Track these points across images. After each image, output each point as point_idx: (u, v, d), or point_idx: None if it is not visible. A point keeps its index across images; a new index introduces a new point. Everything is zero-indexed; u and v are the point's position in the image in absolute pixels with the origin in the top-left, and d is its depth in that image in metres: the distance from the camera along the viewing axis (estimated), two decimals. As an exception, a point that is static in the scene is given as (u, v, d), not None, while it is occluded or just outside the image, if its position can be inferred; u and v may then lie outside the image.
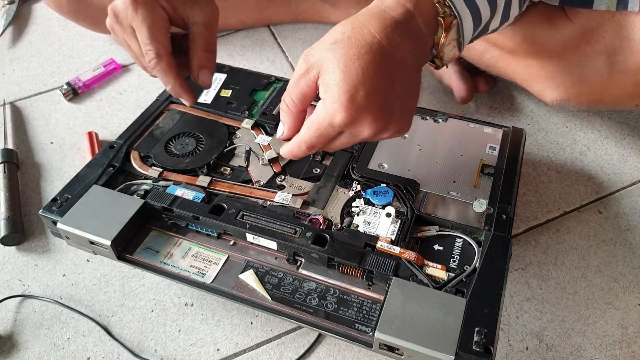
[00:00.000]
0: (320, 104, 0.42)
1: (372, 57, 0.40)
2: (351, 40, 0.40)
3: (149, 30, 0.47)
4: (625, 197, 0.66)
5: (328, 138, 0.43)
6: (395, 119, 0.43)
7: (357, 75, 0.40)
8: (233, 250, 0.49)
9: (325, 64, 0.41)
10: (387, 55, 0.41)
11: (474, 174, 0.54)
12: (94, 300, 0.58)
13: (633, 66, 0.53)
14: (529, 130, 0.74)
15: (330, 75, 0.40)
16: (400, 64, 0.42)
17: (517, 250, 0.61)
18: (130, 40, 0.50)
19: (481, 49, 0.67)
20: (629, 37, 0.52)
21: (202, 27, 0.50)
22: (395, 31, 0.41)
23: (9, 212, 0.64)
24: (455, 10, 0.43)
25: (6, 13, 0.97)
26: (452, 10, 0.43)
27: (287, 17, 0.92)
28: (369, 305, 0.44)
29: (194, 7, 0.50)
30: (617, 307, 0.57)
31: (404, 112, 0.43)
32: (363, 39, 0.40)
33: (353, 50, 0.40)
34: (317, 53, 0.41)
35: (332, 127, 0.41)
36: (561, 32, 0.57)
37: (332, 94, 0.40)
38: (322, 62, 0.41)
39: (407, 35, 0.42)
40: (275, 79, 0.67)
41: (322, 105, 0.41)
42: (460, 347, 0.39)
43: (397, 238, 0.47)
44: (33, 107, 0.81)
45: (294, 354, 0.54)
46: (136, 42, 0.49)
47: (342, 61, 0.40)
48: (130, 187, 0.53)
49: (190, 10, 0.49)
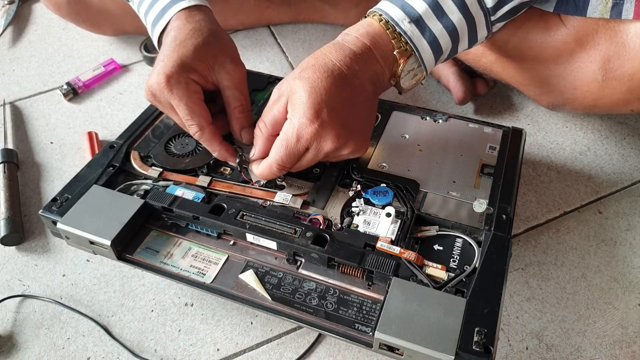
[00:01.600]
0: (287, 123, 0.47)
1: (334, 81, 0.46)
2: (315, 67, 0.46)
3: (187, 107, 0.50)
4: (625, 197, 0.66)
5: (296, 154, 0.47)
6: (354, 137, 0.48)
7: (320, 95, 0.45)
8: (233, 250, 0.49)
9: (293, 89, 0.46)
10: (347, 81, 0.47)
11: (474, 174, 0.54)
12: (94, 300, 0.58)
13: (627, 72, 0.54)
14: (529, 130, 0.74)
15: (297, 96, 0.46)
16: (359, 89, 0.48)
17: (517, 250, 0.61)
18: (172, 114, 0.52)
19: (478, 53, 0.67)
20: (624, 44, 0.53)
21: (234, 90, 0.53)
22: (354, 61, 0.47)
23: (9, 212, 0.64)
24: (414, 47, 0.48)
25: (6, 13, 0.97)
26: (407, 45, 0.48)
27: (286, 17, 0.92)
28: (369, 305, 0.44)
29: (221, 71, 0.52)
30: (617, 307, 0.57)
31: (362, 131, 0.49)
32: (325, 65, 0.46)
33: (317, 75, 0.46)
34: (287, 82, 0.47)
35: (299, 141, 0.46)
36: (556, 38, 0.57)
37: (299, 111, 0.45)
38: (291, 88, 0.47)
39: (365, 65, 0.48)
40: (275, 79, 0.67)
41: (289, 123, 0.46)
42: (460, 347, 0.39)
43: (397, 238, 0.47)
44: (33, 107, 0.81)
45: (294, 354, 0.54)
46: (177, 116, 0.51)
47: (308, 83, 0.45)
48: (130, 187, 0.54)
49: (219, 75, 0.52)
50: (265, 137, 0.49)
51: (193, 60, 0.50)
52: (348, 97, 0.47)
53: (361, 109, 0.48)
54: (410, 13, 0.48)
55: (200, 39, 0.51)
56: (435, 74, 0.80)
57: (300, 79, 0.46)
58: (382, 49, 0.48)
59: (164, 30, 0.54)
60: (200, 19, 0.53)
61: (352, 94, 0.47)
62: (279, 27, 0.93)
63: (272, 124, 0.48)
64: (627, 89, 0.55)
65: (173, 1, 0.54)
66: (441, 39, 0.49)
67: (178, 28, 0.52)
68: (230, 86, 0.52)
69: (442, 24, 0.48)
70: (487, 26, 0.51)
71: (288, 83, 0.47)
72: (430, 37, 0.48)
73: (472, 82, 0.76)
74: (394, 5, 0.48)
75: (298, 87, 0.46)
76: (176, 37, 0.52)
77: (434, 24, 0.48)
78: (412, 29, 0.48)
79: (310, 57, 0.48)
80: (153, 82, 0.50)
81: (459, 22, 0.49)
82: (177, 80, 0.49)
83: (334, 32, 0.90)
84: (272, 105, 0.48)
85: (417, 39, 0.48)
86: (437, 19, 0.48)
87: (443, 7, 0.48)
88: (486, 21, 0.50)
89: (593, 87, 0.58)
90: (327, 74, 0.46)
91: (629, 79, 0.54)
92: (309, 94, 0.45)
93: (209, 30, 0.53)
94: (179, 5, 0.53)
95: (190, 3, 0.54)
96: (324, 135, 0.46)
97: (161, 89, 0.49)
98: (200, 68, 0.51)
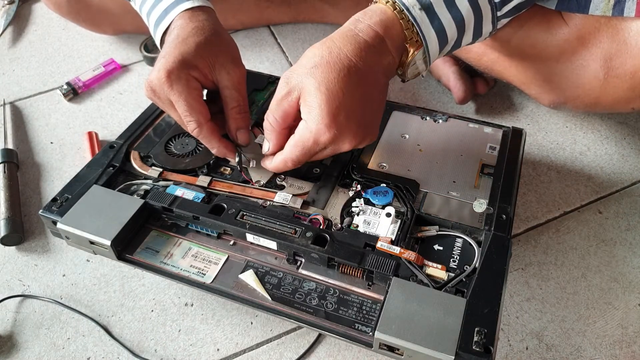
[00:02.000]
0: (304, 125, 0.46)
1: (350, 79, 0.45)
2: (330, 65, 0.44)
3: (186, 102, 0.50)
4: (625, 197, 0.66)
5: (312, 153, 0.47)
6: (370, 131, 0.48)
7: (338, 97, 0.44)
8: (233, 250, 0.49)
9: (306, 87, 0.45)
10: (363, 76, 0.45)
11: (474, 174, 0.54)
12: (94, 300, 0.58)
13: (629, 70, 0.54)
14: (529, 130, 0.74)
15: (312, 98, 0.44)
16: (374, 84, 0.47)
17: (517, 250, 0.61)
18: (171, 111, 0.52)
19: (479, 51, 0.67)
20: (625, 42, 0.53)
21: (232, 90, 0.52)
22: (368, 54, 0.46)
23: (9, 212, 0.64)
24: (422, 35, 0.47)
25: (6, 13, 0.97)
26: (419, 35, 0.47)
27: (286, 17, 0.92)
28: (369, 305, 0.44)
29: (222, 71, 0.52)
30: (617, 307, 0.57)
31: (376, 123, 0.49)
32: (341, 62, 0.45)
33: (333, 74, 0.44)
34: (298, 76, 0.46)
35: (316, 145, 0.46)
36: (558, 36, 0.57)
37: (316, 115, 0.44)
38: (304, 85, 0.45)
39: (379, 57, 0.47)
40: (275, 79, 0.67)
41: (306, 126, 0.45)
42: (460, 347, 0.39)
43: (397, 238, 0.47)
44: (33, 107, 0.81)
45: (294, 354, 0.54)
46: (176, 112, 0.51)
47: (324, 84, 0.44)
48: (130, 187, 0.54)
49: (219, 75, 0.52)
50: (277, 132, 0.49)
51: (194, 57, 0.50)
52: (364, 94, 0.46)
53: (376, 103, 0.48)
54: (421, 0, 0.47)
55: (202, 37, 0.51)
56: (436, 74, 0.80)
57: (314, 77, 0.44)
58: (394, 39, 0.47)
59: (167, 30, 0.54)
60: (203, 18, 0.53)
61: (368, 90, 0.46)
62: (279, 27, 0.93)
63: (284, 118, 0.48)
64: (629, 87, 0.55)
65: (177, 2, 0.54)
66: (448, 29, 0.48)
67: (181, 27, 0.52)
68: (229, 86, 0.52)
69: (451, 14, 0.47)
70: (492, 21, 0.51)
71: (299, 77, 0.46)
72: (439, 26, 0.47)
73: (472, 81, 0.76)
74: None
75: (312, 87, 0.44)
76: (179, 35, 0.52)
77: (444, 13, 0.47)
78: (421, 16, 0.47)
79: (321, 48, 0.46)
80: (153, 78, 0.50)
81: (467, 14, 0.48)
82: (178, 76, 0.49)
83: (334, 32, 0.90)
84: (281, 100, 0.47)
85: (425, 27, 0.47)
86: (446, 8, 0.47)
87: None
88: (492, 16, 0.50)
89: (595, 85, 0.58)
90: (343, 72, 0.44)
91: (631, 77, 0.54)
92: (326, 97, 0.44)
93: (211, 30, 0.53)
94: (182, 6, 0.53)
95: (194, 4, 0.54)
96: (342, 138, 0.46)
97: (161, 85, 0.49)
98: (201, 65, 0.51)
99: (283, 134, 0.49)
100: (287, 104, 0.46)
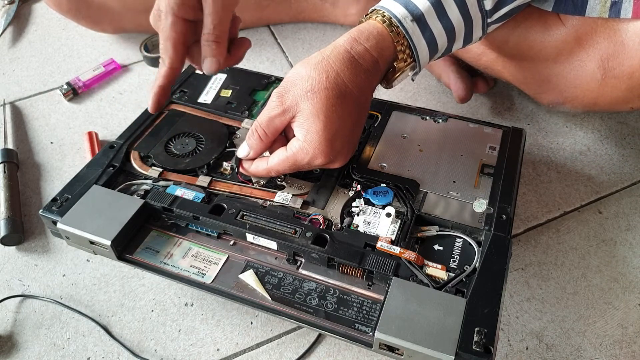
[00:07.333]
0: (299, 145, 0.47)
1: (347, 106, 0.47)
2: (328, 91, 0.46)
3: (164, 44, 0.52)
4: (625, 197, 0.66)
5: (300, 169, 0.50)
6: (355, 147, 0.51)
7: (335, 125, 0.46)
8: (233, 250, 0.49)
9: (304, 111, 0.46)
10: (357, 101, 0.47)
11: (474, 174, 0.54)
12: (94, 300, 0.58)
13: (626, 71, 0.54)
14: (529, 130, 0.74)
15: (310, 123, 0.46)
16: (365, 106, 0.49)
17: (517, 250, 0.61)
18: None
19: (478, 51, 0.67)
20: (623, 43, 0.53)
21: (209, 16, 0.52)
22: (364, 79, 0.48)
23: (9, 212, 0.64)
24: (413, 46, 0.48)
25: (6, 13, 0.97)
26: (409, 49, 0.48)
27: (287, 16, 0.92)
28: (369, 305, 0.44)
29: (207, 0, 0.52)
30: (617, 307, 0.57)
31: (358, 139, 0.52)
32: (338, 88, 0.46)
33: (331, 101, 0.46)
34: (294, 98, 0.46)
35: (309, 165, 0.48)
36: (555, 37, 0.57)
37: (313, 141, 0.46)
38: (301, 109, 0.46)
39: (372, 80, 0.49)
40: (275, 79, 0.67)
41: (302, 147, 0.47)
42: (460, 347, 0.39)
43: (397, 238, 0.47)
44: (33, 107, 0.81)
45: (294, 354, 0.54)
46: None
47: (323, 112, 0.45)
48: (130, 187, 0.54)
49: (205, 2, 0.52)
50: (264, 143, 0.50)
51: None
52: (357, 118, 0.49)
53: (363, 123, 0.51)
54: (413, 11, 0.48)
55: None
56: (436, 73, 0.80)
57: (311, 102, 0.46)
58: (387, 59, 0.49)
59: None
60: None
61: (360, 114, 0.49)
62: (279, 27, 0.93)
63: (274, 133, 0.49)
64: (627, 87, 0.55)
65: None
66: (439, 38, 0.49)
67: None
68: (208, 13, 0.52)
69: (442, 24, 0.48)
70: (482, 27, 0.51)
71: (295, 99, 0.46)
72: (430, 37, 0.48)
73: (472, 80, 0.76)
74: (397, 2, 0.48)
75: (310, 113, 0.46)
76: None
77: (435, 24, 0.48)
78: (413, 28, 0.48)
79: (318, 71, 0.46)
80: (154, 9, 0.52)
81: (457, 23, 0.49)
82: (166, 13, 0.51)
83: (334, 32, 0.90)
84: (274, 117, 0.48)
85: (417, 38, 0.48)
86: (437, 19, 0.48)
87: (445, 7, 0.48)
88: (483, 23, 0.51)
89: (593, 85, 0.58)
90: (340, 100, 0.46)
91: (628, 78, 0.54)
92: (324, 125, 0.46)
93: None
94: None
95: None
96: (335, 161, 0.49)
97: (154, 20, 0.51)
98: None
99: (268, 145, 0.50)
100: (280, 122, 0.48)
